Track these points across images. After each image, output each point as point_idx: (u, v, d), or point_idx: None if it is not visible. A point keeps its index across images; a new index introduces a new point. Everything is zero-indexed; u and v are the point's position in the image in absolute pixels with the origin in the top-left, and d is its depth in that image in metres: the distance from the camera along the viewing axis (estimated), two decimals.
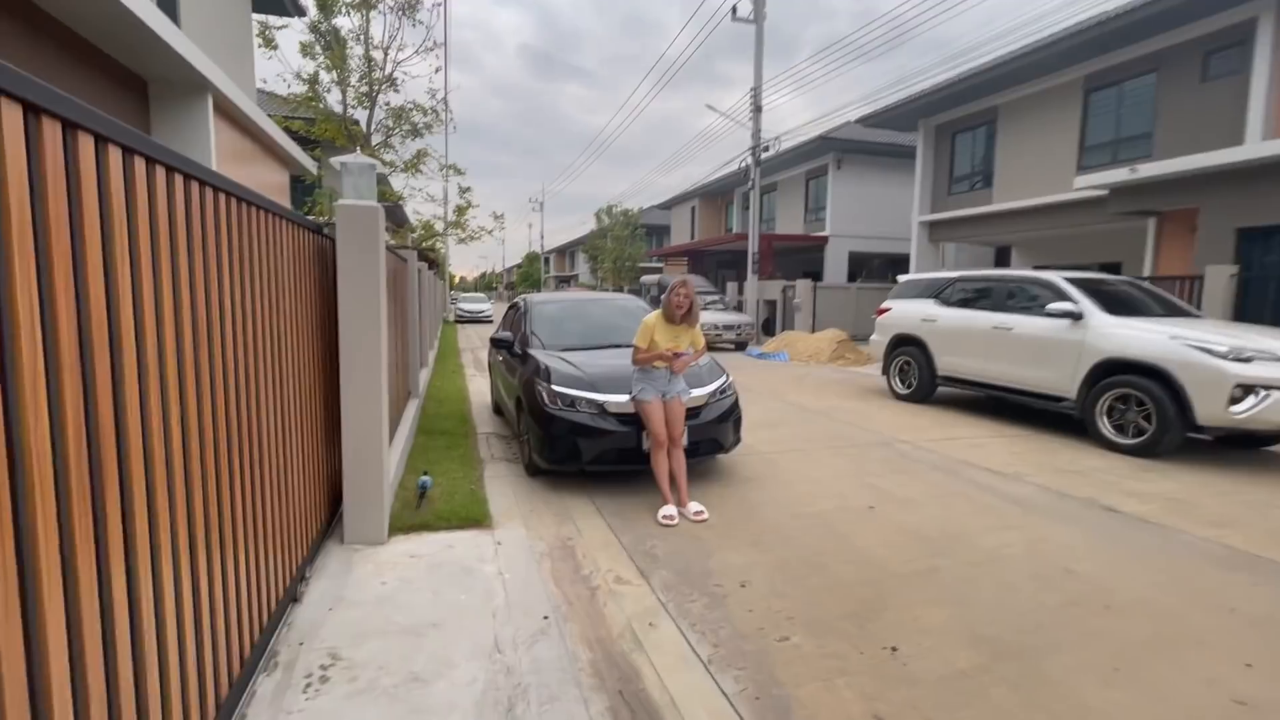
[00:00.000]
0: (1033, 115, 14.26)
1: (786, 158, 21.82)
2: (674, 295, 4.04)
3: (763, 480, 4.69)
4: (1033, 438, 6.19)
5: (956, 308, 7.68)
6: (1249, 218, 9.36)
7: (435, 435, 5.89)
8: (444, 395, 8.21)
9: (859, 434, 6.28)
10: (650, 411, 4.01)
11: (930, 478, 4.80)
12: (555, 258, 60.34)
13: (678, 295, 4.03)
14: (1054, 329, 6.33)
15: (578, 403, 4.28)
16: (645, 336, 4.06)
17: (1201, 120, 11.11)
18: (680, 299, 4.03)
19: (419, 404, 6.61)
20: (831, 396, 8.68)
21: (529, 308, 5.77)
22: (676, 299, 4.03)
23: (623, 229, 32.29)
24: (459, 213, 14.31)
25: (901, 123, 17.72)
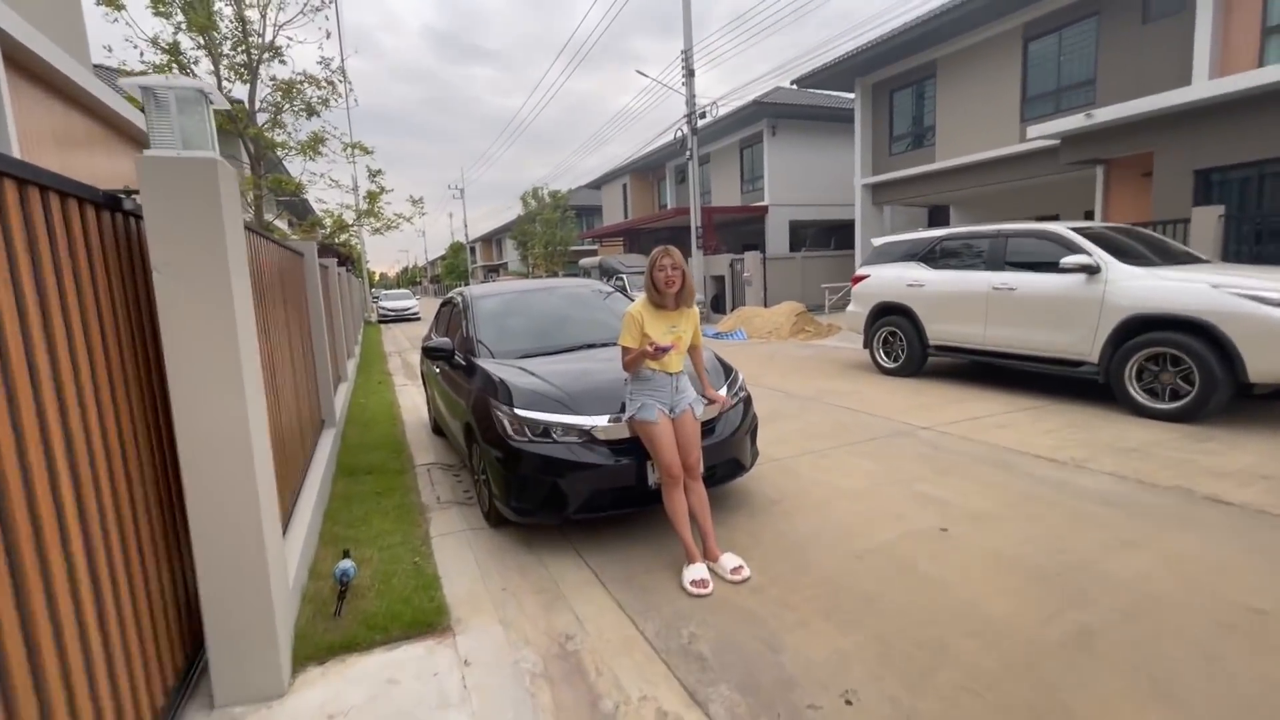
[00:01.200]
0: (972, 68, 13.89)
1: (719, 127, 20.95)
2: (657, 270, 2.97)
3: (791, 501, 3.73)
4: (1057, 410, 5.54)
5: (947, 270, 6.97)
6: (1207, 159, 9.17)
7: (360, 476, 4.60)
8: (370, 416, 6.83)
9: (868, 422, 5.44)
10: (658, 435, 2.94)
11: (984, 476, 3.98)
12: (481, 247, 57.63)
13: (663, 270, 2.96)
14: (1067, 286, 5.68)
15: (553, 430, 3.15)
16: (633, 333, 2.98)
17: (1145, 64, 10.91)
18: (669, 274, 2.96)
19: (336, 434, 5.27)
20: (813, 377, 7.87)
21: (469, 304, 4.53)
22: (664, 275, 2.96)
23: (552, 211, 30.66)
24: (371, 199, 12.54)
25: (838, 82, 17.12)
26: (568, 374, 3.57)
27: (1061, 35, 12.25)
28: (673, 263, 2.97)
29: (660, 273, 2.97)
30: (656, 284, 2.99)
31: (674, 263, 2.97)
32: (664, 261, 2.97)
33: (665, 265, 2.97)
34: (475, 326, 4.26)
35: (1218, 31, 9.83)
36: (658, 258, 2.99)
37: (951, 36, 13.97)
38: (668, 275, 2.96)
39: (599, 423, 3.15)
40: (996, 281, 6.32)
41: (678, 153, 23.70)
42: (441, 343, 4.25)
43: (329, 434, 5.05)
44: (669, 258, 2.98)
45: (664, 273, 2.96)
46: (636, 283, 15.39)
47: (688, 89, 16.44)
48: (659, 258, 2.99)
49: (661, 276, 2.97)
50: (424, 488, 4.44)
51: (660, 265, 2.97)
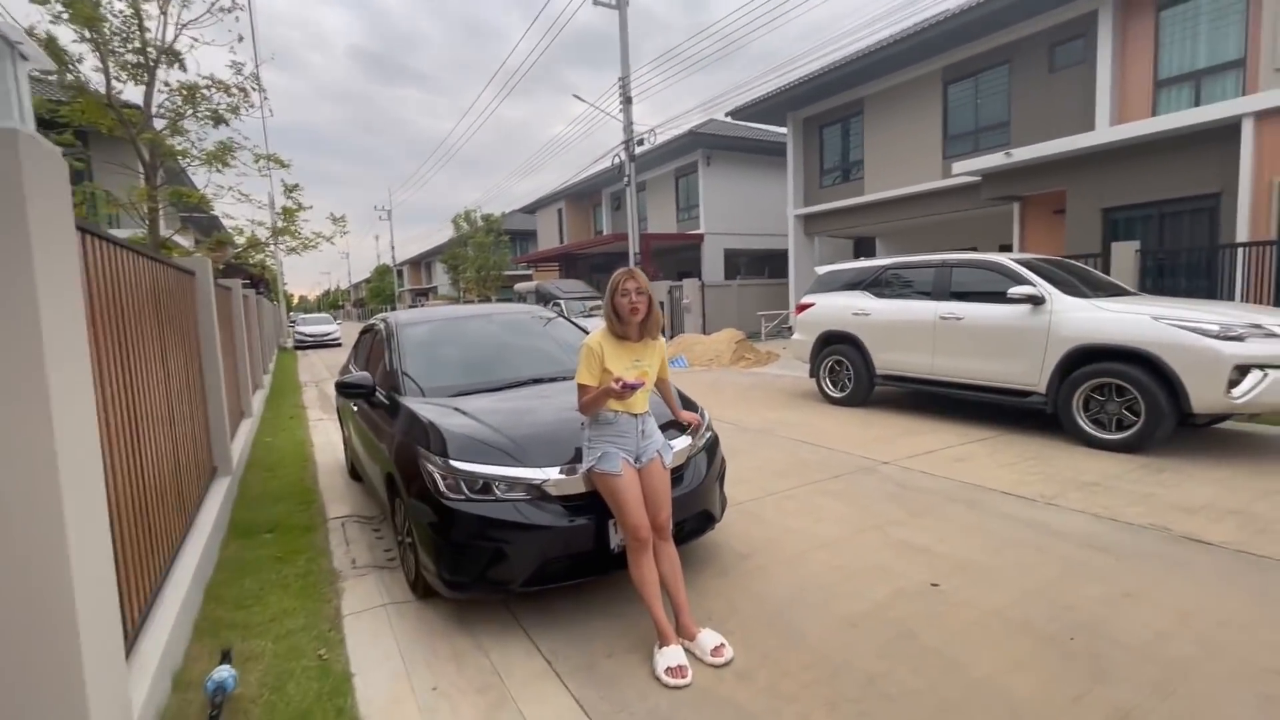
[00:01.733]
0: (897, 107, 14.53)
1: (654, 155, 21.03)
2: (619, 296, 2.56)
3: (764, 555, 3.35)
4: (1009, 441, 5.49)
5: (893, 299, 6.94)
6: (1113, 198, 9.79)
7: (258, 537, 3.87)
8: (277, 458, 5.99)
9: (827, 458, 5.19)
10: (622, 490, 2.50)
11: (959, 517, 3.76)
12: (409, 270, 55.53)
13: (626, 295, 2.55)
14: (1013, 316, 5.70)
15: (495, 485, 2.64)
16: (593, 368, 2.55)
17: (1053, 109, 11.67)
18: (633, 300, 2.55)
19: (232, 483, 4.49)
20: (761, 407, 7.64)
21: (394, 333, 3.95)
22: (627, 301, 2.55)
23: (485, 235, 29.81)
24: (287, 216, 11.51)
25: (770, 116, 17.56)
26: (511, 416, 3.07)
27: (978, 80, 12.99)
28: (637, 287, 2.57)
29: (623, 298, 2.56)
30: (619, 311, 2.58)
31: (639, 286, 2.57)
32: (627, 285, 2.57)
33: (629, 290, 2.56)
34: (401, 358, 3.69)
35: (1116, 82, 10.64)
36: (620, 281, 2.58)
37: (877, 76, 14.58)
38: (631, 301, 2.55)
39: (550, 475, 2.67)
40: (943, 311, 6.31)
41: (614, 179, 23.64)
42: (359, 378, 3.64)
43: (221, 484, 4.28)
44: (633, 281, 2.58)
45: (627, 298, 2.56)
46: (575, 309, 14.95)
47: (625, 115, 16.37)
48: (621, 281, 2.59)
49: (625, 303, 2.56)
50: (337, 548, 3.77)
51: (623, 290, 2.56)
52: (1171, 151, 8.98)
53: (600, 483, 2.57)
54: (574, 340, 4.22)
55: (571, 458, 2.73)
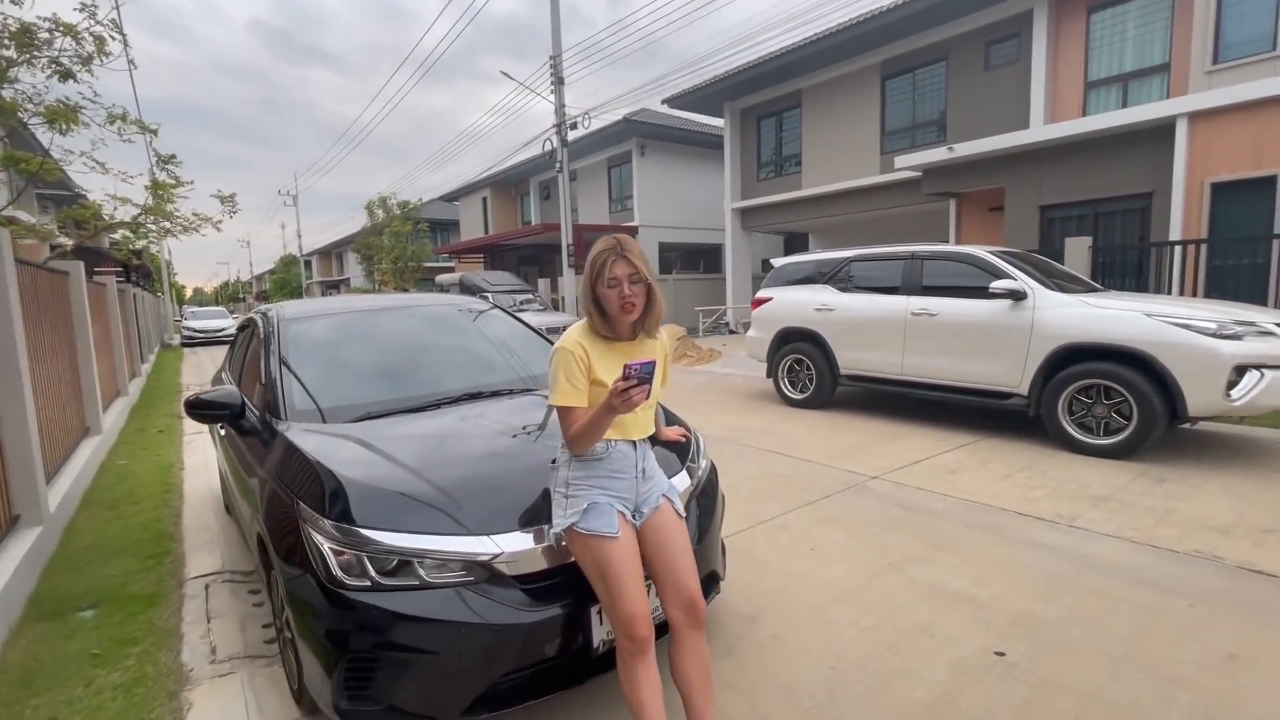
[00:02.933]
0: (835, 100, 14.35)
1: (586, 143, 20.09)
2: (607, 283, 1.74)
3: (774, 614, 2.64)
4: (991, 447, 5.09)
5: (859, 293, 6.46)
6: (1050, 195, 9.86)
7: (67, 619, 2.76)
8: (128, 489, 4.72)
9: (808, 472, 4.58)
10: (615, 561, 1.69)
11: (982, 549, 3.19)
12: (319, 260, 51.52)
13: (616, 282, 1.73)
14: (992, 312, 5.31)
15: (419, 564, 1.76)
16: (577, 381, 1.74)
17: (988, 107, 11.75)
18: (627, 292, 1.73)
19: (42, 536, 3.29)
20: (718, 411, 7.00)
21: (275, 331, 2.92)
22: (618, 295, 1.74)
23: (402, 223, 27.72)
24: (158, 191, 9.72)
25: (707, 106, 17.07)
26: (439, 450, 2.19)
27: (915, 75, 12.95)
28: (631, 273, 1.74)
29: (610, 289, 1.74)
30: (604, 304, 1.77)
31: (633, 272, 1.74)
32: (615, 271, 1.73)
33: (618, 278, 1.73)
34: (281, 367, 2.68)
35: (1049, 82, 10.77)
36: (604, 261, 1.75)
37: (816, 68, 14.34)
38: (624, 295, 1.73)
39: (504, 544, 1.81)
40: (915, 306, 5.86)
41: (542, 167, 22.49)
42: (221, 395, 2.61)
43: (22, 540, 3.09)
44: (623, 263, 1.74)
45: (617, 290, 1.74)
46: (503, 302, 13.82)
47: (557, 97, 15.36)
48: (606, 261, 1.75)
49: (613, 296, 1.74)
50: (192, 627, 2.73)
51: (611, 277, 1.73)
52: (1106, 151, 9.08)
53: (583, 550, 1.75)
54: (517, 339, 3.34)
55: (530, 511, 1.89)
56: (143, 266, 20.50)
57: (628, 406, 1.60)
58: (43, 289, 4.34)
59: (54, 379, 4.35)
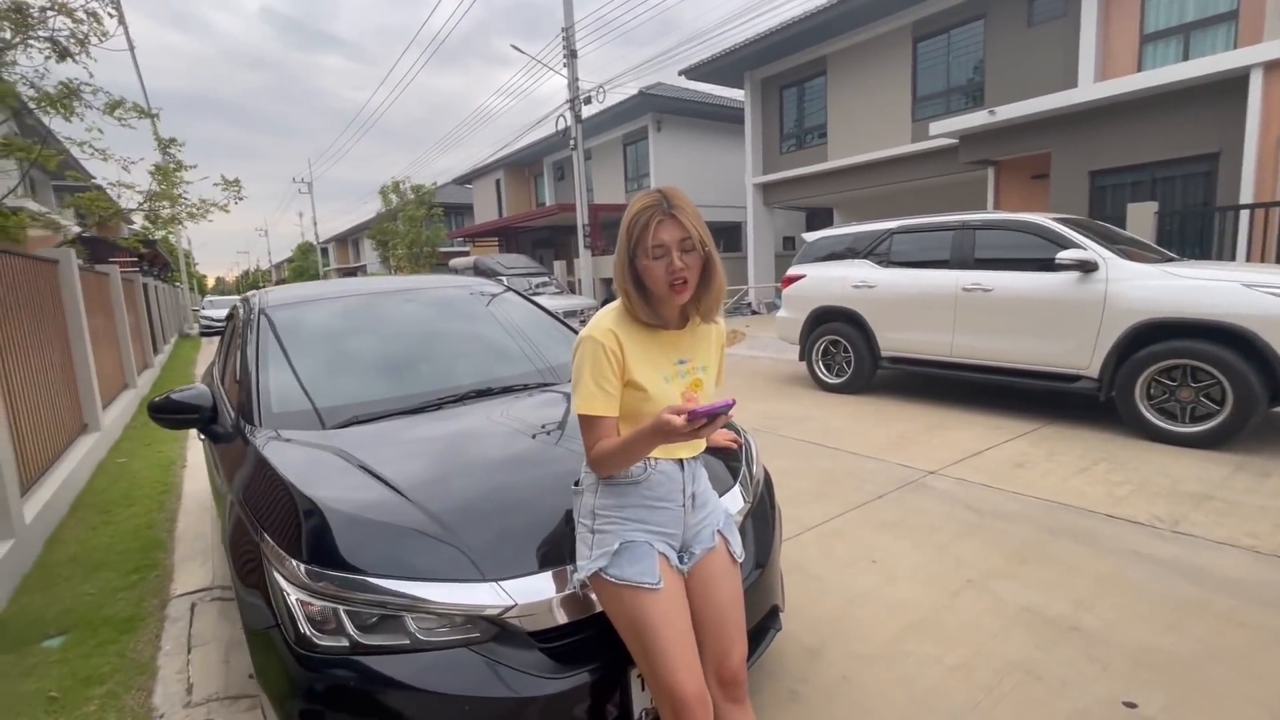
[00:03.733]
0: (863, 66, 13.58)
1: (601, 119, 19.47)
2: (650, 252, 1.29)
3: (838, 646, 2.22)
4: (1056, 435, 4.59)
5: (902, 268, 5.93)
6: (1102, 160, 9.14)
7: (29, 649, 2.44)
8: (124, 490, 4.43)
9: (854, 466, 4.14)
10: (656, 620, 1.29)
11: (1079, 562, 2.74)
12: (335, 247, 51.59)
13: (664, 253, 1.29)
14: (1057, 286, 4.77)
15: (410, 618, 1.37)
16: (603, 381, 1.31)
17: (1031, 67, 10.96)
18: (677, 264, 1.29)
19: (15, 549, 2.98)
20: (748, 396, 6.56)
21: (255, 320, 2.53)
22: (666, 267, 1.29)
23: (416, 208, 27.39)
24: (163, 176, 9.44)
25: (726, 76, 16.33)
26: (439, 465, 1.79)
27: (950, 36, 12.15)
28: (682, 236, 1.30)
29: (658, 257, 1.30)
30: (647, 281, 1.33)
31: (684, 233, 1.30)
32: (664, 235, 1.29)
33: (667, 242, 1.29)
34: (260, 362, 2.30)
35: (1101, 37, 9.97)
36: (650, 219, 1.29)
37: (841, 32, 13.57)
38: (673, 264, 1.30)
39: (518, 593, 1.41)
40: (967, 281, 5.33)
41: (556, 146, 21.94)
42: (189, 395, 2.23)
43: None
44: (673, 224, 1.29)
45: (665, 257, 1.30)
46: (519, 285, 13.42)
47: (570, 71, 14.79)
48: (650, 218, 1.29)
49: (659, 268, 1.31)
50: (168, 659, 2.39)
51: (659, 241, 1.29)
52: (1167, 109, 8.33)
53: (614, 602, 1.34)
54: (533, 326, 2.93)
55: (551, 543, 1.49)
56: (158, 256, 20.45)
57: (678, 439, 1.18)
58: (21, 279, 4.01)
59: (38, 375, 4.05)
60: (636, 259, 1.32)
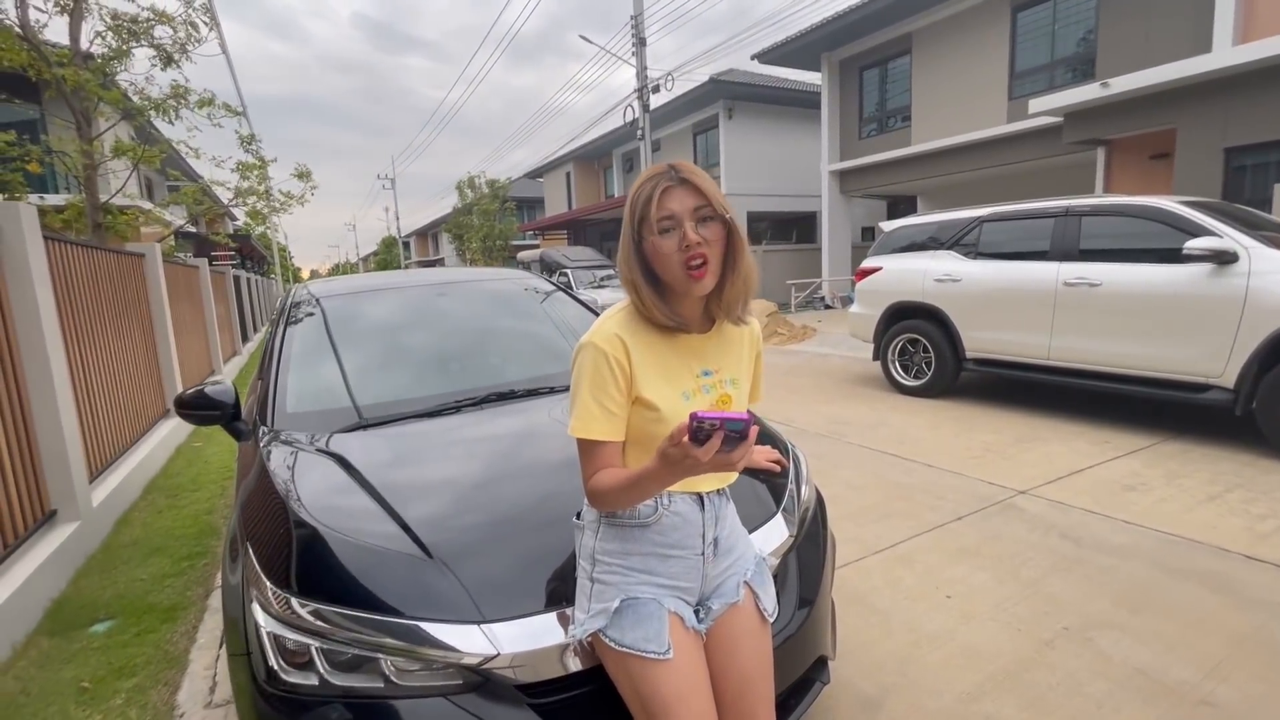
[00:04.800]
0: (953, 41, 12.57)
1: (670, 108, 19.14)
2: (656, 223, 1.05)
3: (899, 700, 1.90)
4: (1175, 453, 3.96)
5: (992, 259, 5.34)
6: (1240, 135, 7.97)
7: (77, 635, 2.49)
8: (194, 475, 4.63)
9: (930, 481, 3.71)
10: (661, 693, 1.05)
11: (1209, 613, 2.26)
12: (416, 241, 53.98)
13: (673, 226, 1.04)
14: (1184, 280, 4.11)
15: (384, 661, 1.19)
16: (603, 398, 1.07)
17: (1153, 32, 9.74)
18: (691, 238, 1.03)
19: (79, 532, 3.10)
20: (814, 398, 6.14)
21: (285, 313, 2.48)
22: (676, 243, 1.04)
23: (490, 202, 28.09)
24: (246, 173, 9.98)
25: (801, 58, 15.59)
26: (437, 479, 1.62)
27: (1055, 3, 11.01)
28: (695, 206, 1.05)
29: (666, 232, 1.05)
30: (656, 266, 1.08)
31: (700, 199, 1.05)
32: (671, 203, 1.04)
33: (677, 212, 1.04)
34: (280, 358, 2.22)
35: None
36: (655, 188, 1.05)
37: (928, 6, 12.61)
38: (686, 240, 1.04)
39: (504, 640, 1.19)
40: (1069, 275, 4.71)
41: (624, 138, 21.80)
42: (215, 392, 2.17)
43: (49, 539, 2.89)
44: (685, 191, 1.05)
45: (675, 231, 1.05)
46: (583, 279, 13.40)
47: (638, 59, 14.57)
48: (655, 187, 1.05)
49: (669, 248, 1.05)
50: (200, 652, 2.38)
51: (664, 217, 1.05)
52: None
53: (618, 670, 1.11)
54: (572, 324, 2.73)
55: (555, 581, 1.28)
56: (253, 250, 21.94)
57: (692, 472, 0.92)
58: (108, 273, 4.23)
59: (120, 364, 4.26)
60: (644, 240, 1.08)
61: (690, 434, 0.87)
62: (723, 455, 0.89)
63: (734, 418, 0.86)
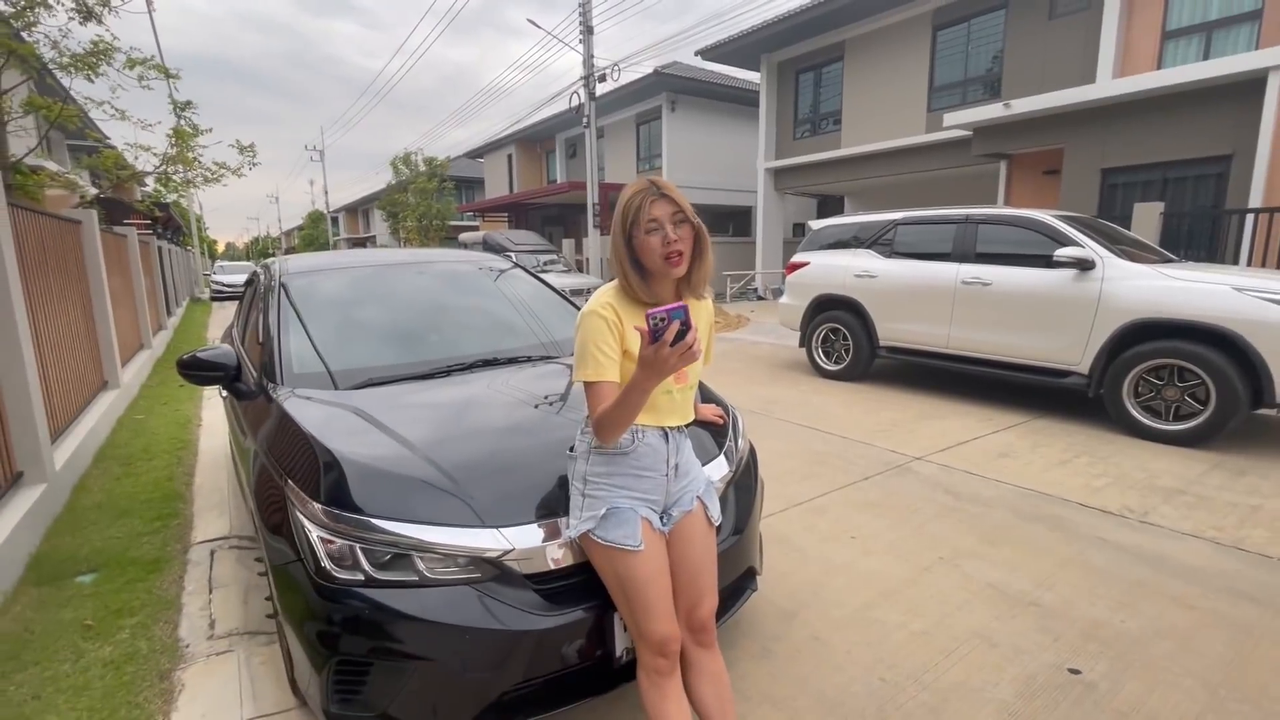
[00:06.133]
0: (881, 52, 13.46)
1: (614, 98, 19.36)
2: (643, 231, 1.44)
3: (812, 609, 2.39)
4: (1044, 428, 4.72)
5: (904, 259, 6.02)
6: (1115, 158, 9.12)
7: (65, 583, 2.64)
8: (143, 444, 4.64)
9: (846, 450, 4.29)
10: (640, 577, 1.45)
11: (1047, 545, 2.89)
12: (345, 217, 51.62)
13: (658, 228, 1.43)
14: (1054, 282, 4.86)
15: (418, 558, 1.54)
16: (605, 349, 1.44)
17: (1049, 60, 10.87)
18: (671, 237, 1.42)
19: (46, 493, 3.18)
20: (747, 381, 6.70)
21: (275, 287, 2.70)
22: (661, 241, 1.43)
23: (427, 180, 27.38)
24: (179, 140, 9.54)
25: (743, 58, 16.20)
26: (446, 424, 1.95)
27: (970, 25, 12.03)
28: (674, 212, 1.43)
29: (652, 231, 1.43)
30: (643, 257, 1.46)
31: (676, 211, 1.44)
32: (657, 211, 1.43)
33: (659, 220, 1.43)
34: (281, 326, 2.46)
35: (1121, 32, 9.87)
36: (643, 199, 1.43)
37: (861, 18, 13.43)
38: (668, 239, 1.43)
39: (515, 540, 1.57)
40: (966, 275, 5.43)
41: (569, 123, 21.85)
42: (215, 354, 2.40)
43: (24, 497, 2.98)
44: (665, 202, 1.43)
45: (659, 231, 1.43)
46: (527, 263, 13.52)
47: (585, 47, 14.71)
48: (644, 199, 1.43)
49: (655, 243, 1.44)
50: (193, 598, 2.59)
51: (653, 217, 1.43)
52: (1183, 109, 8.29)
53: (602, 559, 1.50)
54: (539, 302, 3.07)
55: (548, 500, 1.65)
56: (170, 219, 20.61)
57: (665, 367, 1.25)
58: (49, 238, 4.18)
59: (64, 332, 4.23)
60: (634, 236, 1.45)
61: (651, 331, 1.22)
62: (682, 345, 1.22)
63: (674, 306, 1.22)
